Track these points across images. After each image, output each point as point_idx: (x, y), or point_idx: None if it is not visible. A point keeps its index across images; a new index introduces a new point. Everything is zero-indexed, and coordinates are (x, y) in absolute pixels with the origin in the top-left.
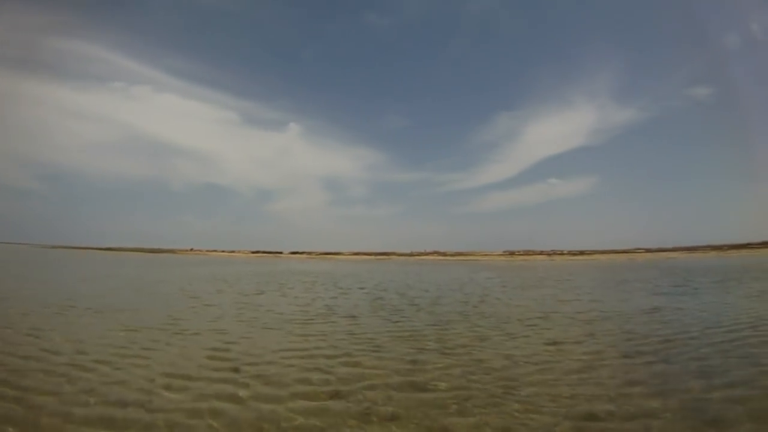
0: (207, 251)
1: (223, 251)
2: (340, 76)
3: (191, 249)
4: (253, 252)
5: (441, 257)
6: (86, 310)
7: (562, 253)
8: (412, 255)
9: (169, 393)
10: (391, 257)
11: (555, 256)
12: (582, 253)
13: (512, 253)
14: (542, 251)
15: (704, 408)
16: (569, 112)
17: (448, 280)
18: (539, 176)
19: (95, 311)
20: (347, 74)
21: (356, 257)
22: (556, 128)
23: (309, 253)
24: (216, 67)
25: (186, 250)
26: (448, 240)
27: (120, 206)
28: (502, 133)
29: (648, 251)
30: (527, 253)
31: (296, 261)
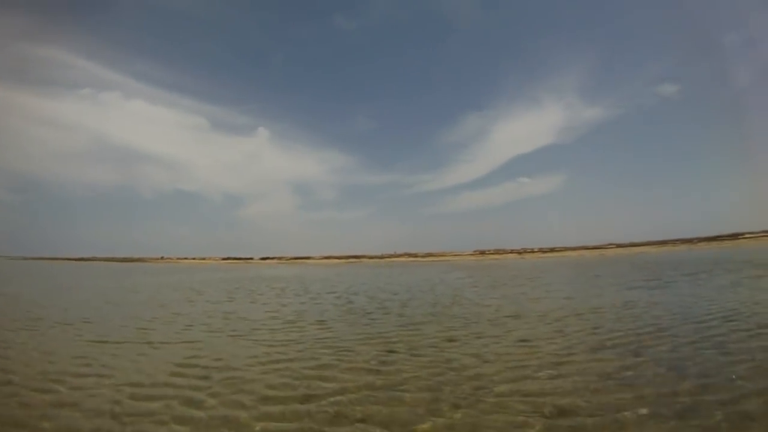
0: (178, 259)
1: (194, 258)
2: (309, 80)
3: (162, 257)
4: (224, 258)
5: (412, 259)
6: (54, 323)
7: (533, 251)
8: (383, 257)
9: (135, 402)
10: (362, 260)
11: (526, 254)
12: (553, 250)
13: (483, 253)
14: (513, 250)
15: (676, 400)
16: (538, 111)
17: (419, 282)
18: (509, 175)
19: (64, 324)
20: (316, 78)
21: (327, 261)
22: (525, 127)
23: (279, 259)
24: (184, 72)
25: (156, 259)
26: (419, 241)
27: (90, 215)
28: (471, 133)
29: (619, 246)
30: (498, 252)
31: (267, 266)
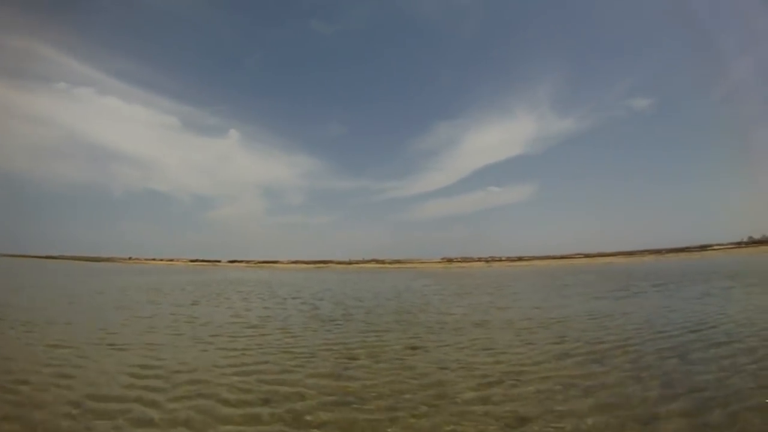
0: (146, 260)
1: (162, 260)
2: (283, 83)
3: (130, 258)
4: (192, 260)
5: (379, 265)
6: (16, 324)
7: (501, 260)
8: (351, 263)
9: (96, 404)
10: (329, 266)
11: (493, 263)
12: (520, 259)
13: (450, 261)
14: (480, 258)
15: (637, 409)
16: (509, 122)
17: (385, 289)
18: (478, 184)
19: (26, 325)
20: (289, 81)
21: (294, 266)
22: (496, 137)
23: (247, 262)
24: (159, 70)
25: (125, 259)
26: (387, 248)
27: (60, 212)
28: (442, 142)
29: (587, 256)
30: (465, 260)
31: (234, 270)
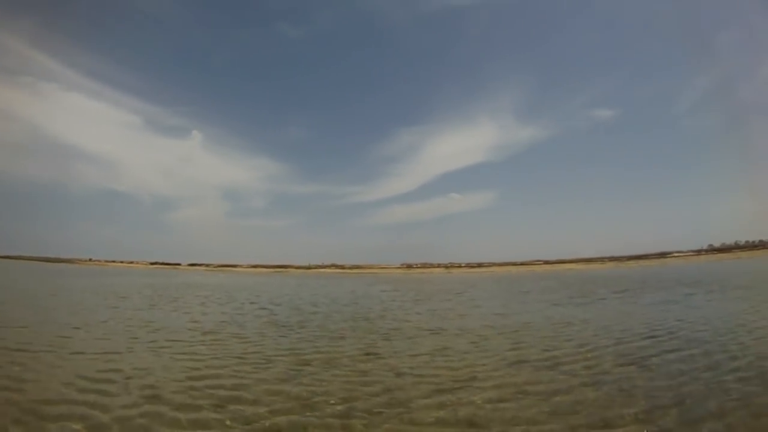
0: (106, 261)
1: (122, 262)
2: (247, 85)
3: (90, 259)
4: (152, 263)
5: (339, 270)
6: None
7: (460, 266)
8: (310, 268)
9: (45, 412)
10: (289, 270)
11: (453, 269)
12: (480, 266)
13: (410, 266)
14: (440, 264)
15: (591, 413)
16: (472, 129)
17: (343, 294)
18: (439, 191)
19: None
20: (254, 83)
21: (254, 270)
22: (458, 144)
23: (207, 265)
24: (125, 68)
25: (85, 260)
26: (347, 253)
27: (20, 211)
28: (404, 148)
29: (547, 263)
30: (425, 266)
31: (194, 273)
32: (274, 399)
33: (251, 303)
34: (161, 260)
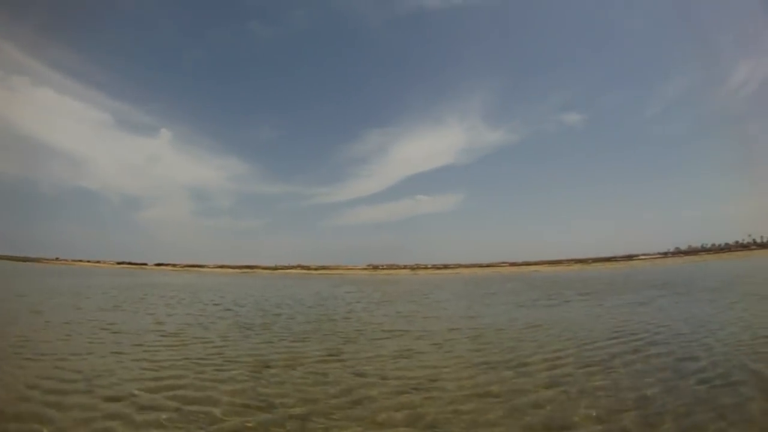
0: (73, 261)
1: (89, 261)
2: (218, 83)
3: (57, 258)
4: (119, 263)
5: (305, 271)
6: None
7: (426, 267)
8: (277, 269)
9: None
10: (256, 271)
11: (419, 270)
12: (446, 267)
13: (376, 267)
14: (406, 265)
15: (552, 414)
16: (440, 131)
17: (308, 295)
18: (407, 192)
19: None
20: (224, 82)
21: (221, 270)
22: (427, 146)
23: (174, 265)
24: (96, 64)
25: (52, 260)
26: (314, 253)
27: None
28: (372, 149)
29: (513, 265)
30: (391, 267)
31: (160, 273)
32: (234, 401)
33: (215, 304)
34: (128, 260)
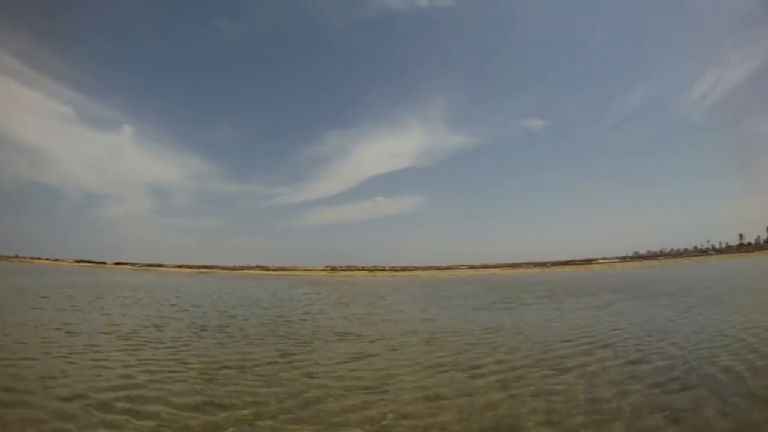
0: (32, 258)
1: (48, 259)
2: (182, 80)
3: (16, 255)
4: (78, 261)
5: (264, 272)
6: None
7: (384, 269)
8: (236, 269)
9: None
10: (215, 271)
11: (377, 272)
12: (404, 269)
13: (334, 269)
14: (364, 267)
15: (503, 416)
16: (401, 134)
17: (265, 296)
18: (366, 194)
19: None
20: (189, 79)
21: (179, 270)
22: (387, 149)
23: (133, 264)
24: (60, 54)
25: (11, 257)
26: (273, 254)
27: None
28: (333, 150)
29: (471, 267)
30: (349, 269)
31: (119, 272)
32: (186, 402)
33: (172, 305)
34: (88, 258)
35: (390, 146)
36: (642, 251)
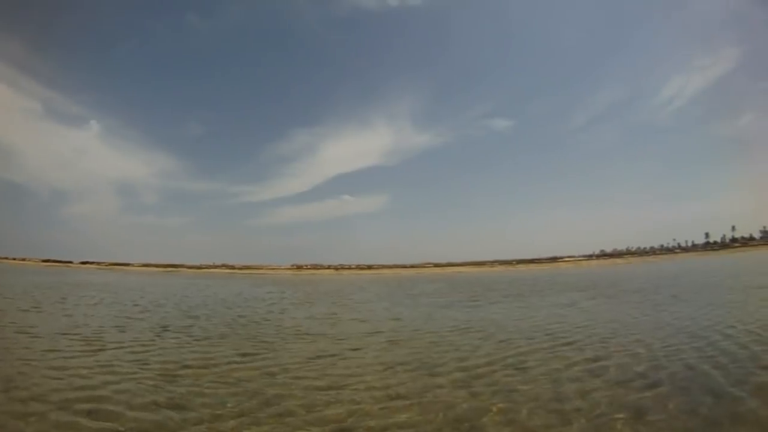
0: None
1: (14, 259)
2: (150, 76)
3: None
4: (45, 260)
5: (229, 270)
6: None
7: (350, 268)
8: (201, 268)
9: None
10: (180, 270)
11: (343, 270)
12: (370, 268)
13: (300, 267)
14: (330, 265)
15: (460, 415)
16: (368, 133)
17: (230, 296)
18: (332, 192)
19: None
20: (157, 74)
21: (145, 269)
22: (354, 147)
23: (99, 264)
24: (28, 47)
25: None
26: (239, 253)
27: None
28: (299, 148)
29: (437, 266)
30: (315, 267)
31: (86, 272)
32: (145, 403)
33: (135, 305)
34: (55, 257)
35: (356, 145)
36: (608, 249)
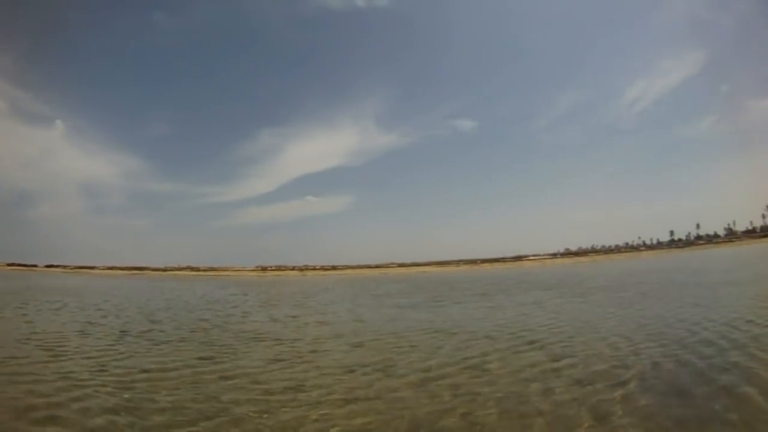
0: None
1: None
2: (116, 75)
3: None
4: (9, 264)
5: (194, 272)
6: None
7: (315, 268)
8: (166, 270)
9: None
10: (145, 272)
11: (307, 271)
12: (335, 268)
13: (265, 269)
14: (294, 266)
15: (417, 415)
16: (332, 133)
17: (193, 298)
18: (297, 193)
19: None
20: (123, 73)
21: (110, 272)
22: (318, 148)
23: (64, 267)
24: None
25: None
26: (204, 254)
27: None
28: (264, 149)
29: (402, 266)
30: (280, 268)
31: (50, 275)
32: (103, 408)
33: (98, 309)
34: (20, 261)
35: (321, 145)
36: (573, 248)
